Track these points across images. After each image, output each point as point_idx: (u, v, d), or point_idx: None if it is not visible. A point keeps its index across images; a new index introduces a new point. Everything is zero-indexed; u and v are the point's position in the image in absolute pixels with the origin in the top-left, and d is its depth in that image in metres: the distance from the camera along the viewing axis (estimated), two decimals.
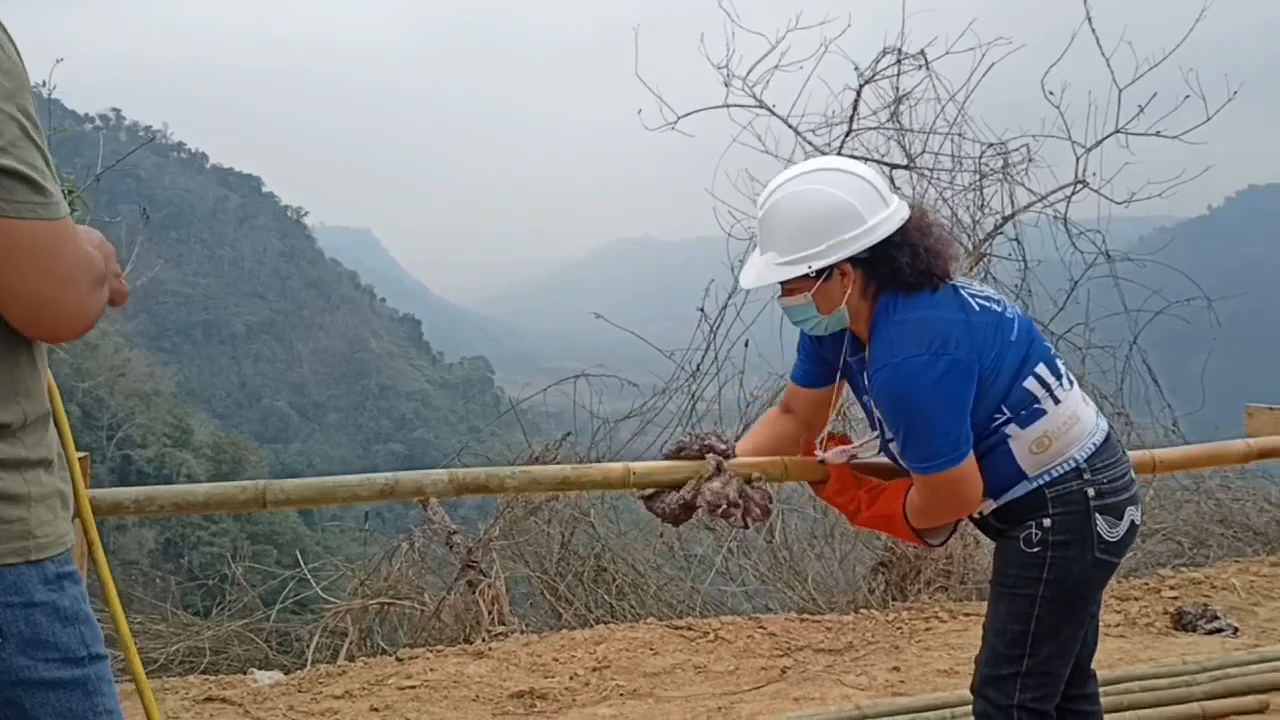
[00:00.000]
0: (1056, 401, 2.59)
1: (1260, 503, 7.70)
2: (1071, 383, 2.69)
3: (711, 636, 5.43)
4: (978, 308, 2.61)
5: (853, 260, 2.57)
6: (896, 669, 4.89)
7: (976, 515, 2.77)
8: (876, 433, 2.81)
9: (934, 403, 2.49)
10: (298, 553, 6.99)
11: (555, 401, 7.72)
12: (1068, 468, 2.59)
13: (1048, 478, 2.58)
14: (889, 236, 2.56)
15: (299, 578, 6.56)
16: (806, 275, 2.59)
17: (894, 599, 6.09)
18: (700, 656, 5.21)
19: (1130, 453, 3.61)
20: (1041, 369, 2.60)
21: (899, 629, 5.54)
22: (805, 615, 5.76)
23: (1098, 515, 2.59)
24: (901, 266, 2.56)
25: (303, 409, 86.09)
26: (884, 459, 2.85)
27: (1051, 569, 2.59)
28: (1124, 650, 5.08)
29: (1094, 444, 2.63)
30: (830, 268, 2.58)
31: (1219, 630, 5.33)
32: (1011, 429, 2.57)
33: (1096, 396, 7.07)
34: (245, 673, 5.33)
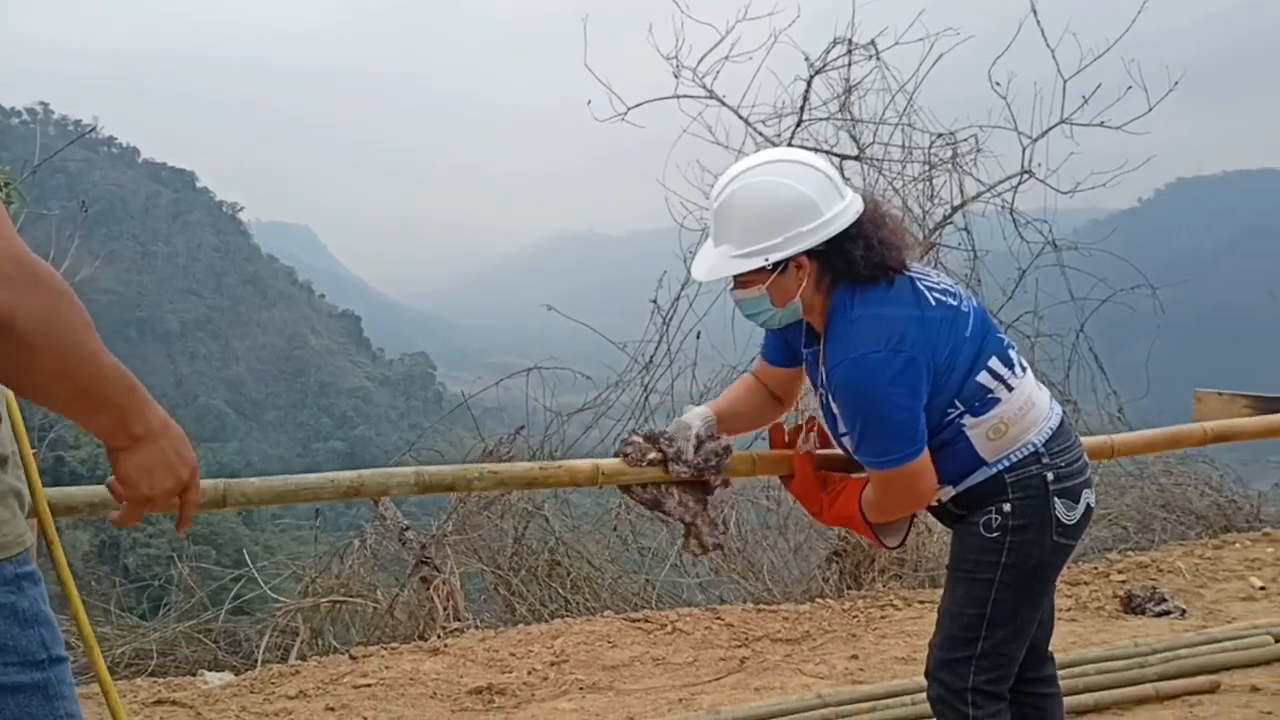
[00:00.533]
0: (1010, 389, 2.61)
1: (1201, 487, 7.83)
2: (1024, 369, 2.71)
3: (669, 628, 5.42)
4: (934, 302, 2.61)
5: (808, 253, 2.57)
6: (855, 657, 4.91)
7: (935, 503, 2.78)
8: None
9: (890, 399, 2.50)
10: (244, 554, 6.85)
11: (500, 396, 7.67)
12: (1026, 452, 2.62)
13: (1007, 463, 2.61)
14: (844, 229, 2.56)
15: (245, 578, 6.44)
16: (762, 268, 2.58)
17: (849, 588, 6.12)
18: (659, 648, 5.19)
19: (1089, 438, 3.66)
20: (994, 363, 2.62)
21: (855, 617, 5.56)
22: (762, 606, 5.77)
23: (1056, 499, 2.62)
24: (856, 260, 2.56)
25: (240, 407, 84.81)
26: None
27: (1011, 553, 2.62)
28: (1076, 634, 5.14)
29: (1050, 428, 2.66)
30: (786, 261, 2.57)
31: (1167, 613, 5.41)
32: (966, 420, 2.59)
33: (1045, 384, 7.17)
34: (195, 674, 5.21)
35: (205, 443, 67.42)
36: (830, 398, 2.65)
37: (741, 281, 2.65)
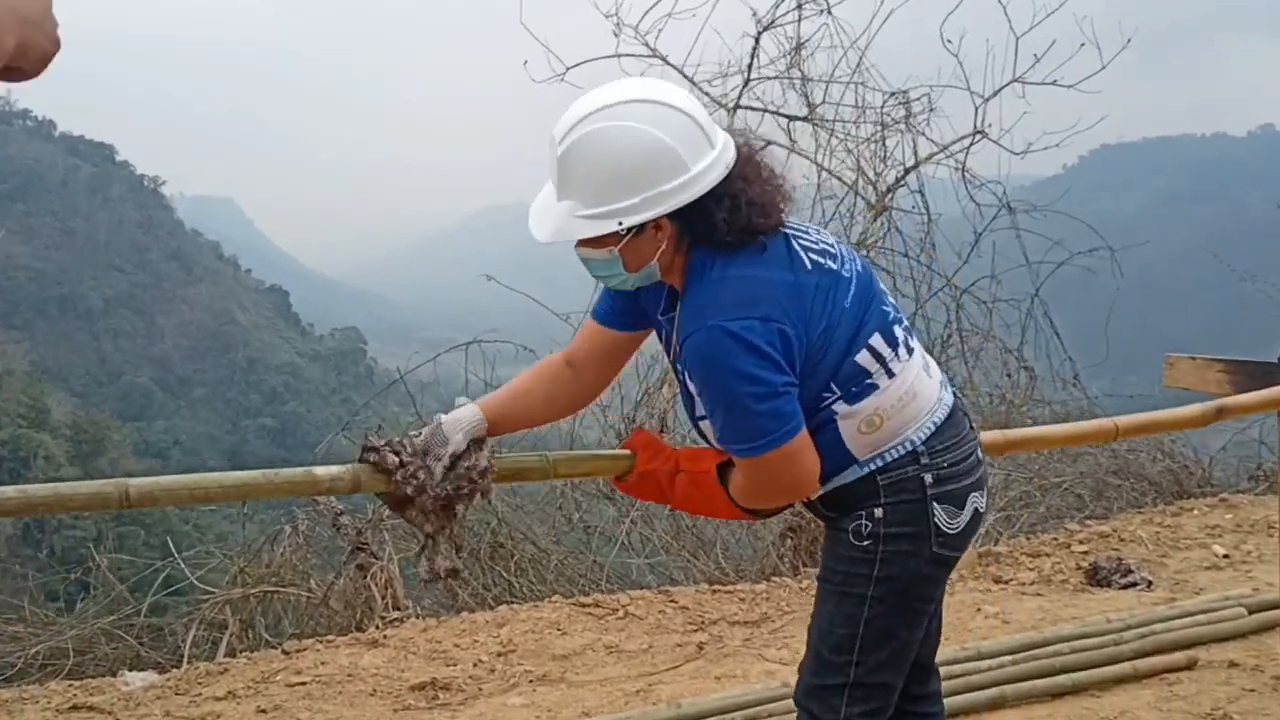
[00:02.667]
0: (890, 375, 2.24)
1: (1154, 453, 7.75)
2: (911, 351, 2.33)
3: (621, 613, 5.16)
4: (809, 265, 2.22)
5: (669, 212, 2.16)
6: None
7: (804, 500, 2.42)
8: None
9: (753, 373, 2.10)
10: (168, 539, 6.47)
11: (435, 371, 7.35)
12: (902, 451, 2.25)
13: (880, 462, 2.25)
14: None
15: (171, 567, 6.07)
16: (615, 232, 2.17)
17: (804, 565, 5.91)
18: (611, 635, 4.93)
19: (1094, 421, 3.44)
20: (876, 339, 2.24)
21: (813, 596, 5.33)
22: (716, 586, 5.53)
23: (935, 504, 2.26)
24: (718, 223, 2.16)
25: (167, 385, 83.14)
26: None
27: (883, 565, 2.26)
28: (1044, 609, 4.96)
29: (934, 423, 2.29)
30: (641, 224, 2.16)
31: (1134, 584, 5.26)
32: (840, 407, 2.22)
33: (1001, 351, 7.01)
34: (115, 674, 4.85)
35: (131, 422, 66.12)
36: (686, 374, 2.27)
37: (590, 241, 2.23)
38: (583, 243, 2.24)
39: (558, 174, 2.19)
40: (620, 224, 2.14)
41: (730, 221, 2.16)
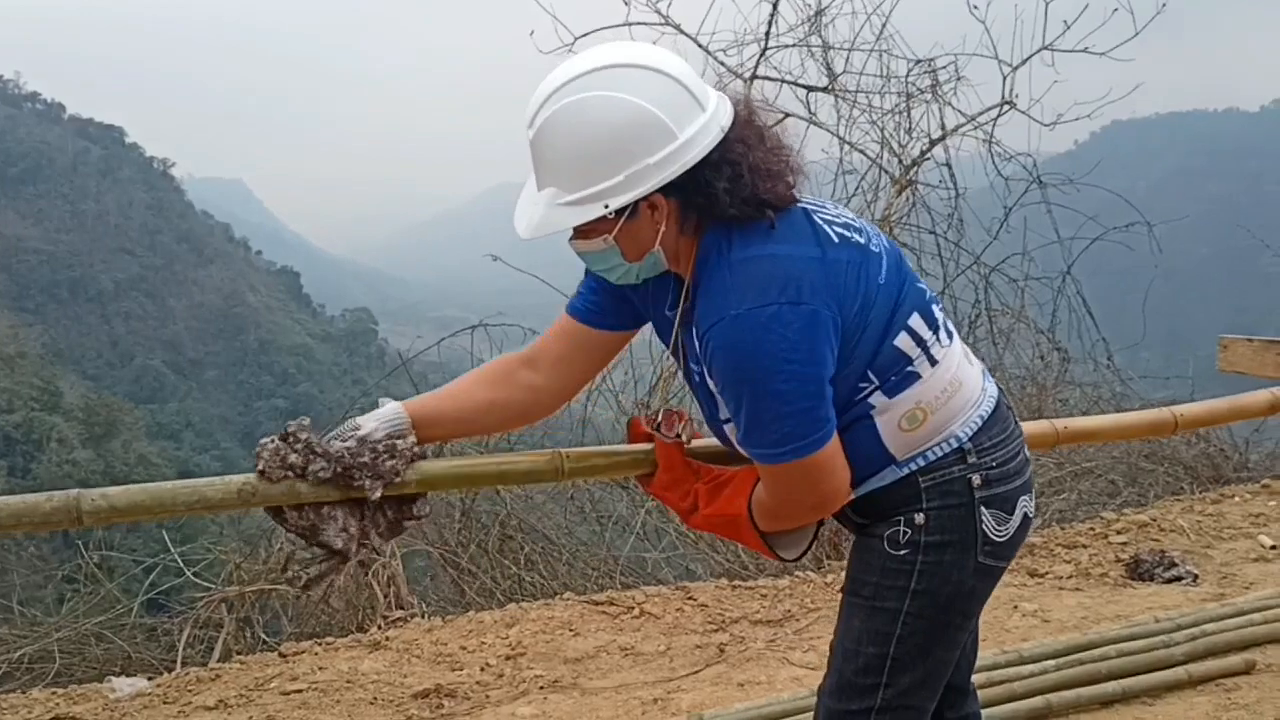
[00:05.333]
0: (933, 362, 1.98)
1: (1189, 436, 7.43)
2: (951, 335, 2.06)
3: (636, 612, 4.88)
4: (836, 239, 1.94)
5: (662, 188, 1.87)
6: None
7: None
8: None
9: (785, 368, 1.82)
10: (164, 533, 6.21)
11: (441, 352, 7.09)
12: (948, 449, 1.99)
13: (922, 461, 1.98)
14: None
15: (165, 563, 5.81)
16: (604, 217, 1.88)
17: (828, 558, 5.62)
18: (626, 636, 4.66)
19: (1151, 411, 3.13)
20: (915, 320, 1.98)
21: (839, 592, 5.05)
22: (736, 582, 5.25)
23: (984, 509, 1.99)
24: (718, 194, 1.88)
25: (179, 367, 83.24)
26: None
27: (922, 577, 2.00)
28: (1085, 606, 4.68)
29: (980, 417, 2.03)
30: (634, 204, 1.88)
31: (1179, 578, 4.97)
32: (877, 400, 1.95)
33: (1033, 331, 6.70)
34: (102, 680, 4.60)
35: (144, 404, 66.18)
36: (706, 372, 1.97)
37: (581, 231, 1.94)
38: (575, 235, 1.96)
39: (534, 160, 1.92)
40: (607, 206, 1.85)
41: (733, 191, 1.87)
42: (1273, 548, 5.34)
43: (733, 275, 1.86)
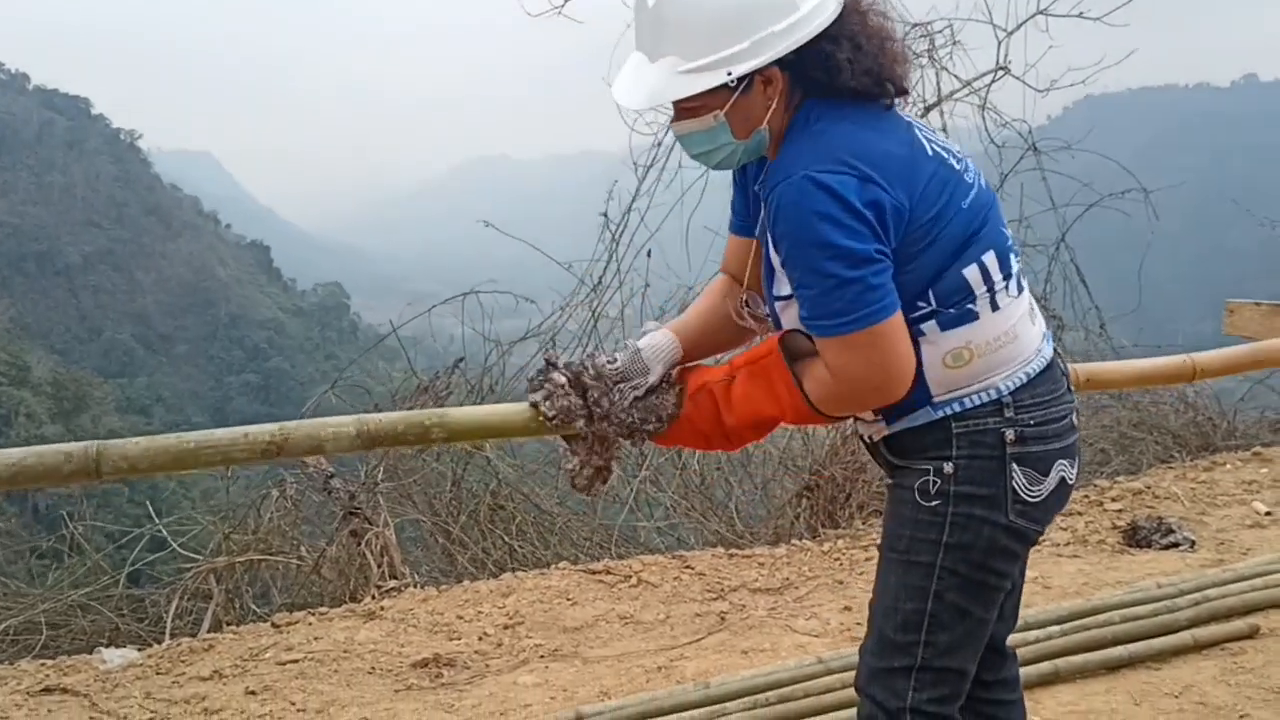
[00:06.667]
0: (995, 307, 1.94)
1: (1177, 405, 7.45)
2: (1021, 289, 2.03)
3: (634, 580, 4.84)
4: (930, 152, 1.94)
5: (778, 62, 1.88)
6: (848, 609, 4.37)
7: (866, 439, 2.14)
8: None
9: (846, 230, 1.80)
10: (150, 505, 6.10)
11: (417, 326, 6.99)
12: (985, 399, 1.95)
13: (958, 407, 1.95)
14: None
15: (152, 533, 5.71)
16: (724, 85, 1.87)
17: (824, 526, 5.59)
18: (624, 604, 4.61)
19: (1168, 358, 3.10)
20: (990, 258, 1.94)
21: (837, 560, 5.04)
22: (734, 551, 5.21)
23: (1015, 465, 1.95)
24: (841, 64, 1.88)
25: (148, 341, 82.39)
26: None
27: (953, 530, 1.97)
28: (1085, 573, 4.67)
29: (1027, 374, 1.99)
30: (751, 75, 1.88)
31: (1176, 544, 4.97)
32: (929, 327, 1.92)
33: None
34: (91, 652, 4.50)
35: (113, 379, 65.56)
36: (771, 241, 1.96)
37: (689, 108, 1.94)
38: (681, 114, 1.96)
39: (652, 28, 1.92)
40: (730, 74, 1.86)
41: (855, 62, 1.88)
42: (1267, 514, 5.35)
43: (811, 141, 1.88)
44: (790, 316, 1.99)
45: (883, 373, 1.89)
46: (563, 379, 2.09)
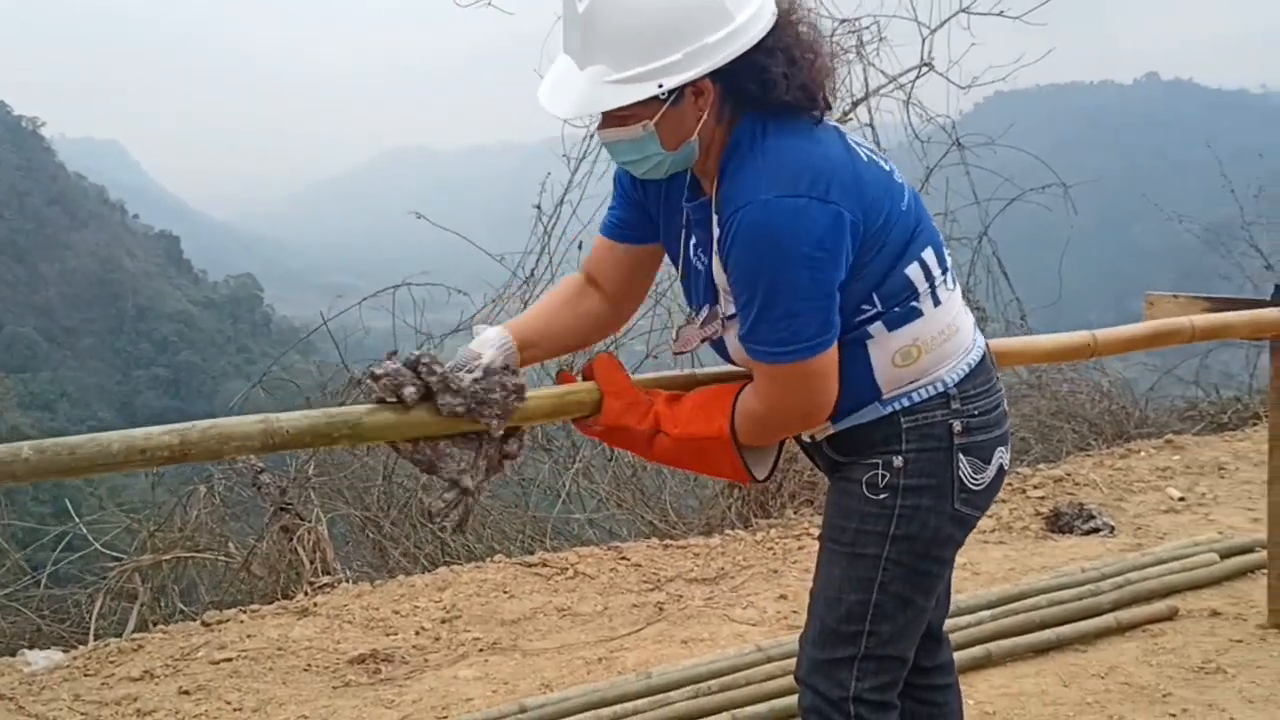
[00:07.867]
0: (937, 302, 1.98)
1: (1093, 394, 7.66)
2: (956, 282, 2.08)
3: (570, 572, 4.85)
4: (866, 159, 1.95)
5: (711, 73, 1.85)
6: (784, 598, 4.43)
7: (807, 438, 2.15)
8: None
9: (808, 261, 1.80)
10: (67, 502, 5.95)
11: (335, 319, 6.88)
12: (933, 392, 1.99)
13: (906, 402, 1.99)
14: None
15: (72, 533, 5.57)
16: (655, 97, 1.83)
17: (755, 516, 5.65)
18: (561, 596, 4.62)
19: (1070, 334, 3.18)
20: (929, 254, 1.98)
21: (770, 550, 5.09)
22: (667, 541, 5.24)
23: (961, 456, 2.00)
24: (776, 78, 1.85)
25: (51, 335, 79.93)
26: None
27: (901, 522, 2.01)
28: (1011, 559, 4.79)
29: (968, 365, 2.04)
30: (683, 86, 1.84)
31: (1096, 530, 5.12)
32: (876, 329, 1.94)
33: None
34: (14, 654, 4.39)
35: (15, 373, 63.57)
36: (720, 261, 1.93)
37: (618, 116, 1.88)
38: (609, 122, 1.91)
39: (582, 34, 1.87)
40: (660, 86, 1.82)
41: (790, 76, 1.86)
42: (1180, 499, 5.53)
43: (765, 160, 1.85)
44: (737, 331, 1.97)
45: (811, 403, 1.94)
46: (398, 365, 2.00)
